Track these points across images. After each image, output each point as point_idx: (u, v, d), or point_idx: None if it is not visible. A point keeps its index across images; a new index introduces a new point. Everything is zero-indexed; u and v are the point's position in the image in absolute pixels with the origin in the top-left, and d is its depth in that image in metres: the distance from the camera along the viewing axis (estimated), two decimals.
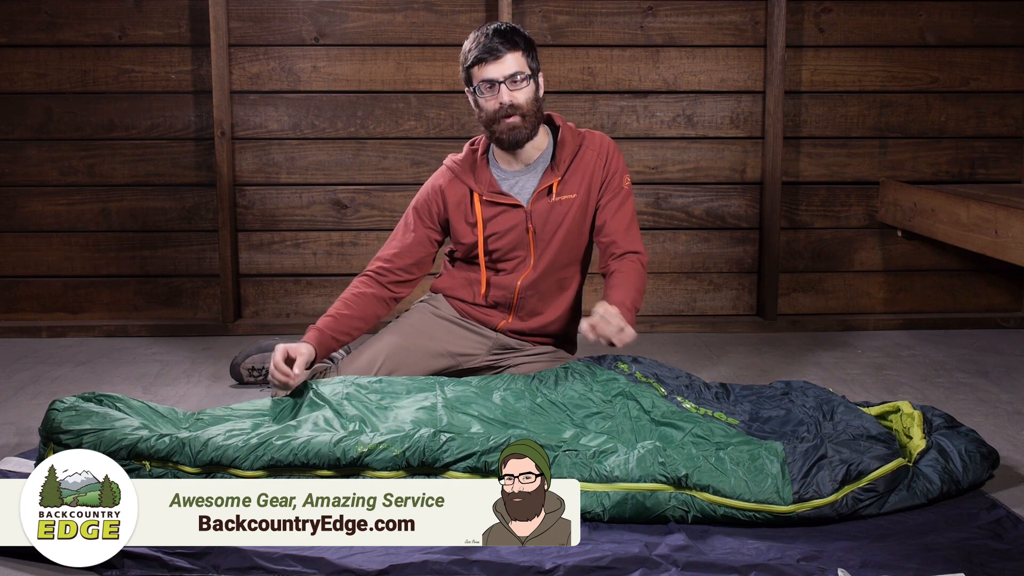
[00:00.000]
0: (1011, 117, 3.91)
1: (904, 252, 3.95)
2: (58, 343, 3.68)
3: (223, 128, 3.73)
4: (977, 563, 1.86)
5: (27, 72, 3.78)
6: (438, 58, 3.78)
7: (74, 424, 2.21)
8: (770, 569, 1.84)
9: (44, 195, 3.84)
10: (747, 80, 3.84)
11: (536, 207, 2.67)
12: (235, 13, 3.75)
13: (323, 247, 3.88)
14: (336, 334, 2.65)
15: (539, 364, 2.74)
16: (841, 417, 2.34)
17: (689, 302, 3.95)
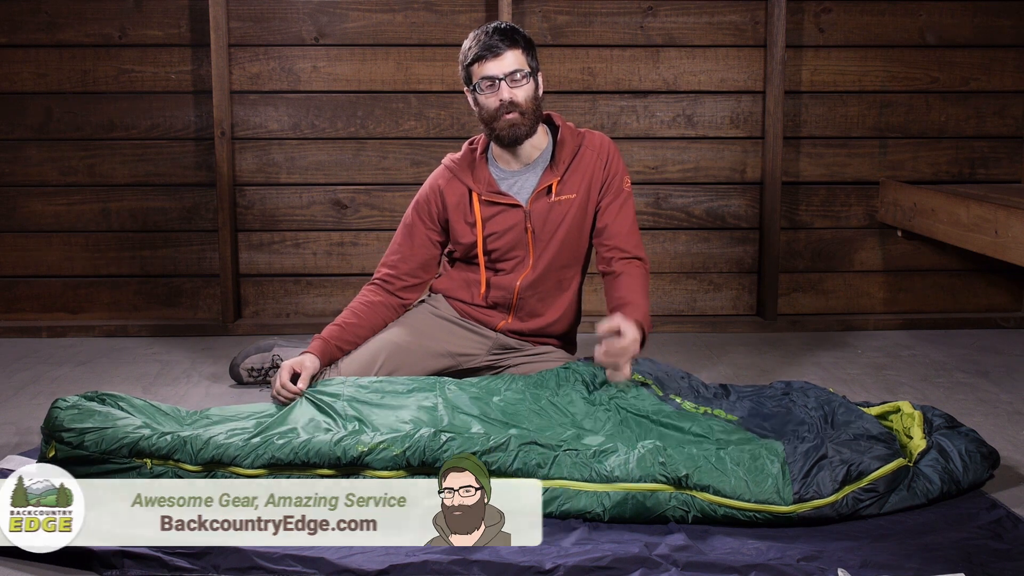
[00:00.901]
0: (1011, 117, 3.91)
1: (904, 252, 3.95)
2: (58, 343, 3.68)
3: (223, 128, 3.73)
4: (977, 563, 1.86)
5: (27, 72, 3.78)
6: (438, 58, 3.78)
7: (76, 422, 2.21)
8: (770, 569, 1.84)
9: (44, 195, 3.84)
10: (747, 80, 3.84)
11: (535, 207, 2.67)
12: (235, 13, 3.75)
13: (323, 247, 3.88)
14: (341, 343, 2.65)
15: (539, 364, 2.74)
16: (841, 417, 2.34)
17: (689, 302, 3.95)
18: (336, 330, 2.66)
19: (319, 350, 2.60)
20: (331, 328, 2.67)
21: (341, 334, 2.66)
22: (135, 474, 2.18)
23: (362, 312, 2.70)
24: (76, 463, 2.19)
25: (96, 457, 2.18)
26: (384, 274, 2.76)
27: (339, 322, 2.68)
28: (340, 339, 2.65)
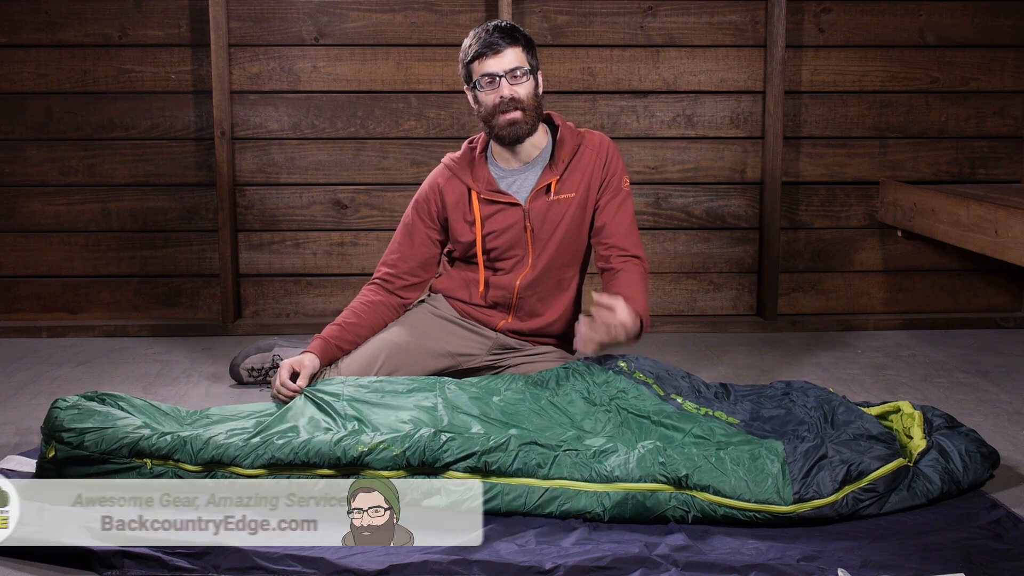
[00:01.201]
0: (1011, 117, 3.91)
1: (904, 252, 3.95)
2: (58, 343, 3.68)
3: (223, 128, 3.73)
4: (977, 563, 1.86)
5: (27, 72, 3.78)
6: (438, 58, 3.78)
7: (76, 422, 2.21)
8: (770, 569, 1.84)
9: (44, 195, 3.84)
10: (747, 80, 3.84)
11: (534, 206, 2.67)
12: (235, 13, 3.75)
13: (323, 247, 3.88)
14: (340, 343, 2.65)
15: (539, 364, 2.74)
16: (841, 417, 2.34)
17: (689, 302, 3.94)
18: (336, 330, 2.66)
19: (319, 349, 2.60)
20: (331, 328, 2.67)
21: (341, 334, 2.66)
22: (135, 474, 2.18)
23: (362, 312, 2.70)
24: (76, 463, 2.19)
25: (96, 457, 2.18)
26: (384, 273, 2.76)
27: (339, 322, 2.68)
28: (340, 339, 2.65)
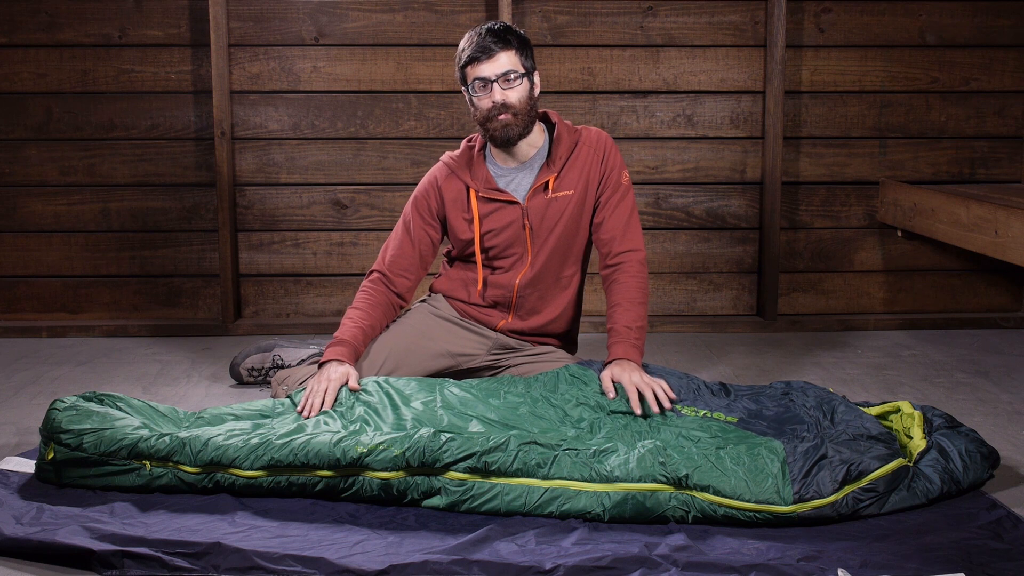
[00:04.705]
0: (1011, 117, 3.91)
1: (904, 252, 3.95)
2: (58, 343, 3.68)
3: (223, 128, 3.73)
4: (977, 563, 1.86)
5: (27, 72, 3.78)
6: (438, 58, 3.78)
7: (75, 424, 2.21)
8: (770, 569, 1.84)
9: (44, 195, 3.84)
10: (747, 80, 3.84)
11: (532, 203, 2.67)
12: (235, 13, 3.75)
13: (323, 247, 3.88)
14: (360, 346, 2.66)
15: (540, 364, 2.74)
16: (841, 417, 2.34)
17: (689, 302, 3.94)
18: (359, 333, 2.64)
19: (351, 357, 2.59)
20: (352, 331, 2.64)
21: (364, 338, 2.66)
22: (135, 476, 2.18)
23: (374, 312, 2.69)
24: (75, 465, 2.19)
25: (95, 459, 2.18)
26: (382, 270, 2.75)
27: (358, 324, 2.66)
28: (363, 342, 2.66)
